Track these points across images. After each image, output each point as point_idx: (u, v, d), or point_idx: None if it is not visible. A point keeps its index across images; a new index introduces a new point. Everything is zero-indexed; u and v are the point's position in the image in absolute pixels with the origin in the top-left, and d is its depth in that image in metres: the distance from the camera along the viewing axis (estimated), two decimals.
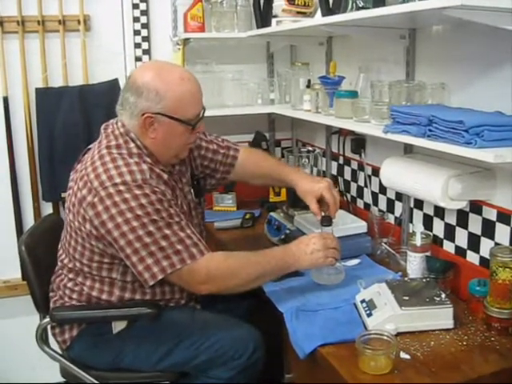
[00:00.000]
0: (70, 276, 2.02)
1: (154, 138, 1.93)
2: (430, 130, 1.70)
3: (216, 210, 3.14)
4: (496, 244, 1.89)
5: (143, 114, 1.88)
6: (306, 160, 2.78)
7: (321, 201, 2.18)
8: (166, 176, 1.95)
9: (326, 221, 2.13)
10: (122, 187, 1.81)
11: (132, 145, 1.93)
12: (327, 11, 2.10)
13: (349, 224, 2.41)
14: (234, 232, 2.82)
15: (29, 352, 2.07)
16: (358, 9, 1.89)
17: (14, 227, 3.00)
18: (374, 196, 2.58)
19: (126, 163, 1.87)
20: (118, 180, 1.82)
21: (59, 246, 2.09)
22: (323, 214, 2.15)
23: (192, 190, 2.17)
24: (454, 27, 1.96)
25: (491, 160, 1.49)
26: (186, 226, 1.88)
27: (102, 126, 2.04)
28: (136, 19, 3.03)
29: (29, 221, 3.03)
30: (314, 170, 2.90)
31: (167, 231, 1.82)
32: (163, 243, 1.81)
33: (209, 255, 1.87)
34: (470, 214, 1.99)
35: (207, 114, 2.68)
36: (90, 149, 2.04)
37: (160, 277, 1.82)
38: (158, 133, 1.92)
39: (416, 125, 1.76)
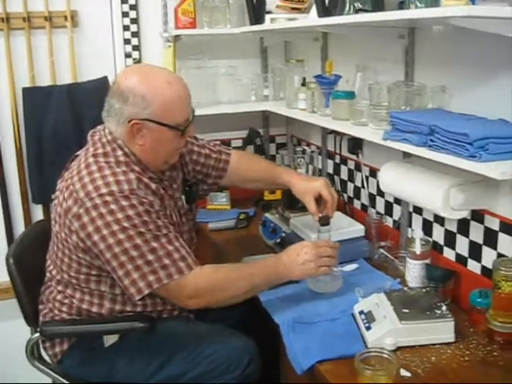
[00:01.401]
0: (59, 288, 1.96)
1: (142, 144, 1.87)
2: (432, 140, 1.64)
3: (210, 208, 3.09)
4: (499, 254, 1.83)
5: (130, 121, 1.82)
6: (302, 159, 2.72)
7: (318, 200, 2.13)
8: (154, 186, 1.89)
9: (325, 220, 2.08)
10: (108, 198, 1.75)
11: (119, 152, 1.87)
12: (323, 12, 2.03)
13: (346, 228, 2.35)
14: (229, 233, 2.76)
15: (20, 355, 2.02)
16: (356, 11, 1.82)
17: (4, 230, 2.95)
18: (372, 198, 2.52)
19: (112, 173, 1.81)
20: (104, 190, 1.76)
21: (47, 257, 2.04)
22: (321, 214, 2.09)
23: (183, 196, 2.12)
24: (455, 28, 1.88)
25: (497, 177, 1.43)
26: (175, 239, 1.82)
27: (89, 133, 1.97)
28: (125, 14, 2.95)
29: (19, 223, 2.99)
30: (310, 167, 2.84)
31: (154, 244, 1.77)
32: (150, 257, 1.76)
33: (197, 269, 1.82)
34: (472, 222, 1.93)
35: (201, 112, 2.66)
36: (77, 156, 1.97)
37: (146, 291, 1.77)
38: (146, 139, 1.86)
39: (417, 133, 1.70)
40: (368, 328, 1.76)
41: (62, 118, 2.81)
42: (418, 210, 2.22)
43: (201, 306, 1.87)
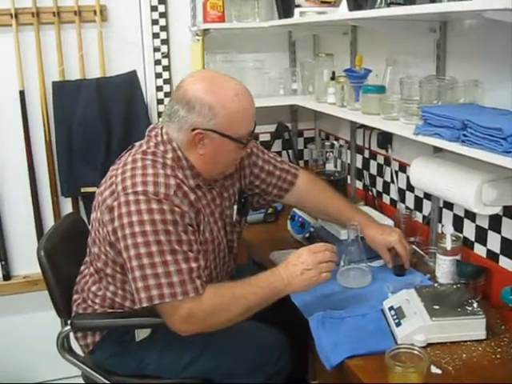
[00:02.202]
0: (95, 278, 1.96)
1: (202, 154, 1.82)
2: (465, 135, 1.62)
3: None
4: None
5: (193, 130, 1.77)
6: (330, 154, 2.70)
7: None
8: (193, 197, 1.83)
9: (400, 270, 2.12)
10: (141, 197, 1.71)
11: (170, 155, 1.82)
12: (354, 5, 2.01)
13: None
14: (257, 227, 2.74)
15: (50, 346, 2.05)
16: (388, 4, 1.79)
17: (33, 222, 2.97)
18: (401, 193, 2.50)
19: (154, 173, 1.76)
20: (139, 188, 1.73)
21: (88, 240, 1.99)
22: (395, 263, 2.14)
23: (235, 207, 2.07)
24: (489, 22, 1.85)
25: None
26: (193, 260, 1.74)
27: (149, 128, 1.93)
28: (153, 8, 2.95)
29: (48, 216, 3.01)
30: (338, 162, 2.82)
31: (169, 257, 1.70)
32: (159, 269, 1.69)
33: (199, 295, 1.73)
34: (504, 219, 1.91)
35: None
36: (134, 146, 1.93)
37: (145, 304, 1.71)
38: (206, 149, 1.81)
39: (449, 128, 1.67)
40: (398, 324, 1.74)
41: (90, 112, 2.83)
42: (449, 206, 2.19)
43: (195, 331, 1.78)
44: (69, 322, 1.98)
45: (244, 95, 1.81)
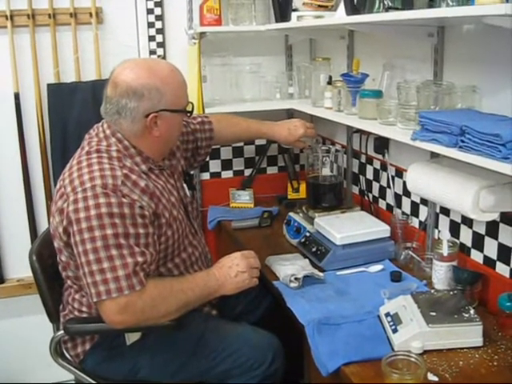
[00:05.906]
0: (75, 288, 1.95)
1: (158, 136, 1.88)
2: (463, 141, 1.61)
3: (233, 206, 3.07)
4: None
5: (147, 116, 1.83)
6: (326, 158, 2.69)
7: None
8: (143, 183, 1.82)
9: (397, 277, 2.14)
10: (89, 193, 1.73)
11: (114, 148, 1.86)
12: (352, 9, 2.00)
13: (371, 228, 2.32)
14: (252, 232, 2.75)
15: (43, 350, 2.03)
16: (386, 9, 1.78)
17: (27, 225, 2.95)
18: (398, 198, 2.49)
19: (100, 168, 1.78)
20: (88, 185, 1.74)
21: (57, 259, 1.99)
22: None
23: (185, 185, 2.15)
24: (487, 27, 1.84)
25: None
26: (139, 254, 1.74)
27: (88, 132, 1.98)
28: (150, 11, 2.93)
29: (42, 219, 2.98)
30: (335, 166, 2.81)
31: (114, 252, 1.71)
32: (105, 265, 1.70)
33: (143, 287, 1.74)
34: (501, 225, 1.90)
35: (225, 110, 2.73)
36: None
37: (95, 300, 1.72)
38: (161, 129, 1.88)
39: (447, 134, 1.67)
40: (394, 330, 1.74)
41: (86, 115, 2.79)
42: (445, 211, 2.18)
43: (130, 322, 1.78)
44: (61, 327, 1.96)
45: (176, 70, 1.93)
